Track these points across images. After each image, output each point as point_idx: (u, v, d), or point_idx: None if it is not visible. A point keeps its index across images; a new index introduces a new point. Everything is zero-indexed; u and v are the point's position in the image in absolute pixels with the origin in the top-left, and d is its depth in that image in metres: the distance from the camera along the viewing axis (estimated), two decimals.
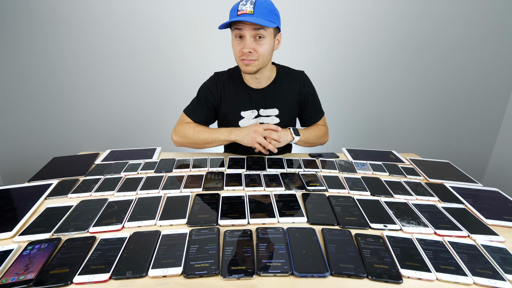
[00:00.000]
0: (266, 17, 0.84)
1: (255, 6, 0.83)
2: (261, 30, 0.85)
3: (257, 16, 0.82)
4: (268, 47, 0.89)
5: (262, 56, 0.89)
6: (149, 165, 0.95)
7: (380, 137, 1.98)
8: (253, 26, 0.84)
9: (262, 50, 0.88)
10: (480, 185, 0.88)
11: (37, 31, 1.61)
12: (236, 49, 0.89)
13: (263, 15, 0.83)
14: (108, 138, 1.89)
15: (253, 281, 0.49)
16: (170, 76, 1.77)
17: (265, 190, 0.80)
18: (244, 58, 0.88)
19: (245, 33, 0.85)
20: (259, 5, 0.84)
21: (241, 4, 0.84)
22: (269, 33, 0.87)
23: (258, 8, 0.83)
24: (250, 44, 0.86)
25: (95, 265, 0.51)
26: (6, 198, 0.76)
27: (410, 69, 1.81)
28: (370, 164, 0.99)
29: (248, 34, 0.85)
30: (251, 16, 0.82)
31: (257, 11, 0.83)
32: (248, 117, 1.02)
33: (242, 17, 0.82)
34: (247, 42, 0.86)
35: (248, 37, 0.86)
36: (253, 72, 0.92)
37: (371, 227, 0.64)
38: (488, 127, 1.94)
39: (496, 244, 0.59)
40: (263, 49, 0.88)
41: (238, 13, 0.83)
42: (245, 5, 0.84)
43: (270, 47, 0.90)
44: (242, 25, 0.84)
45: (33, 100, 1.76)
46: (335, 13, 1.67)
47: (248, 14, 0.82)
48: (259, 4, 0.84)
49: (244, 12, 0.83)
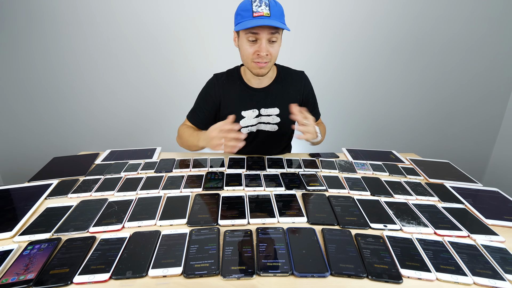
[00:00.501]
0: (280, 19, 0.82)
1: (270, 8, 0.80)
2: (276, 33, 0.83)
3: (274, 19, 0.80)
4: (278, 49, 0.88)
5: (274, 58, 0.89)
6: (149, 165, 0.95)
7: (380, 137, 1.98)
8: (270, 29, 0.82)
9: (274, 52, 0.87)
10: (480, 185, 0.88)
11: (36, 31, 1.61)
12: (248, 52, 0.86)
13: (278, 17, 0.82)
14: (108, 138, 1.89)
15: (253, 281, 0.49)
16: (170, 76, 1.77)
17: (265, 190, 0.80)
18: (260, 61, 0.87)
19: (262, 36, 0.83)
20: (273, 7, 0.81)
21: (255, 5, 0.80)
22: (280, 34, 0.87)
23: (273, 10, 0.81)
24: (266, 47, 0.84)
25: (95, 265, 0.51)
26: (6, 198, 0.76)
27: (410, 69, 1.81)
28: (370, 164, 0.99)
29: (265, 37, 0.83)
30: (269, 19, 0.80)
31: (273, 13, 0.80)
32: (248, 117, 1.02)
33: (263, 21, 0.79)
34: (263, 45, 0.84)
35: (264, 40, 0.83)
36: (265, 74, 0.92)
37: (371, 227, 0.64)
38: (488, 127, 1.94)
39: (496, 244, 0.59)
40: (275, 51, 0.87)
41: (254, 15, 0.80)
42: (260, 6, 0.80)
43: (279, 48, 0.89)
44: (260, 28, 0.81)
45: (33, 100, 1.76)
46: (334, 13, 1.67)
47: (265, 16, 0.80)
48: (273, 6, 0.81)
49: (261, 14, 0.80)
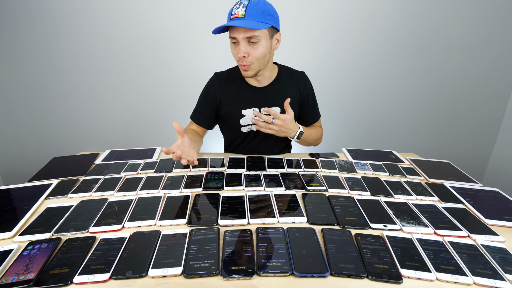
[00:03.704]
0: (258, 18, 0.81)
1: (247, 8, 0.80)
2: (253, 33, 0.82)
3: (248, 19, 0.80)
4: (263, 50, 0.86)
5: (257, 59, 0.87)
6: (149, 165, 0.95)
7: (380, 137, 1.98)
8: (246, 30, 0.81)
9: (256, 53, 0.85)
10: (480, 185, 0.88)
11: (37, 30, 1.61)
12: (233, 53, 0.88)
13: (255, 17, 0.80)
14: (108, 138, 1.89)
15: (253, 281, 0.49)
16: (170, 75, 1.77)
17: (265, 190, 0.80)
18: (240, 63, 0.88)
19: (238, 38, 0.83)
20: (252, 7, 0.81)
21: (234, 8, 0.82)
22: (264, 34, 0.84)
23: (250, 10, 0.80)
24: (244, 48, 0.84)
25: (95, 265, 0.51)
26: (6, 198, 0.76)
27: (410, 69, 1.81)
28: (370, 164, 0.99)
29: (241, 38, 0.83)
30: (241, 20, 0.80)
31: (249, 13, 0.80)
32: (249, 116, 1.02)
33: (232, 22, 0.80)
34: (241, 47, 0.84)
35: (242, 41, 0.83)
36: (252, 76, 0.91)
37: (371, 227, 0.64)
38: (488, 127, 1.94)
39: (496, 244, 0.59)
40: (257, 52, 0.85)
41: (231, 17, 0.81)
42: (237, 8, 0.81)
43: (266, 49, 0.87)
44: (235, 29, 0.82)
45: (33, 100, 1.76)
46: (335, 13, 1.67)
47: (239, 17, 0.80)
48: (251, 6, 0.81)
49: (236, 16, 0.80)
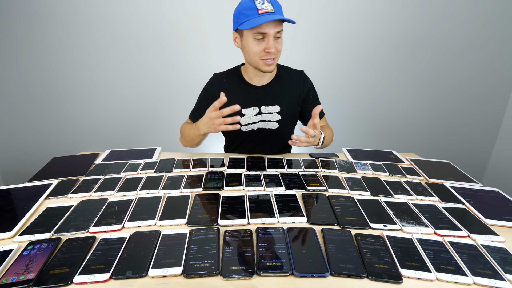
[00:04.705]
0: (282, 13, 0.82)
1: (272, 4, 0.81)
2: (281, 27, 0.83)
3: (278, 14, 0.80)
4: (282, 44, 0.88)
5: (279, 53, 0.89)
6: (149, 165, 0.95)
7: (380, 137, 1.98)
8: (276, 25, 0.82)
9: (280, 47, 0.88)
10: (480, 185, 0.87)
11: (36, 30, 1.61)
12: (256, 50, 0.86)
13: (281, 12, 0.82)
14: (108, 138, 1.89)
15: (253, 281, 0.49)
16: (170, 75, 1.77)
17: (265, 190, 0.80)
18: (268, 58, 0.87)
19: (270, 33, 0.82)
20: (274, 3, 0.82)
21: (258, 3, 0.81)
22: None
23: (275, 6, 0.81)
24: (273, 43, 0.84)
25: (95, 265, 0.51)
26: (6, 198, 0.76)
27: (410, 68, 1.81)
28: (370, 164, 0.99)
29: (272, 33, 0.83)
30: (276, 14, 0.80)
31: (276, 9, 0.81)
32: (249, 114, 1.01)
33: (272, 16, 0.79)
34: (271, 41, 0.84)
35: (272, 36, 0.84)
36: (273, 70, 0.92)
37: (371, 227, 0.64)
38: (488, 127, 1.94)
39: (496, 244, 0.59)
40: (281, 46, 0.88)
41: (260, 12, 0.80)
42: (263, 3, 0.81)
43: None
44: (265, 25, 0.81)
45: (33, 100, 1.76)
46: (333, 12, 1.67)
47: (270, 12, 0.80)
48: (273, 2, 0.82)
49: (267, 11, 0.80)
